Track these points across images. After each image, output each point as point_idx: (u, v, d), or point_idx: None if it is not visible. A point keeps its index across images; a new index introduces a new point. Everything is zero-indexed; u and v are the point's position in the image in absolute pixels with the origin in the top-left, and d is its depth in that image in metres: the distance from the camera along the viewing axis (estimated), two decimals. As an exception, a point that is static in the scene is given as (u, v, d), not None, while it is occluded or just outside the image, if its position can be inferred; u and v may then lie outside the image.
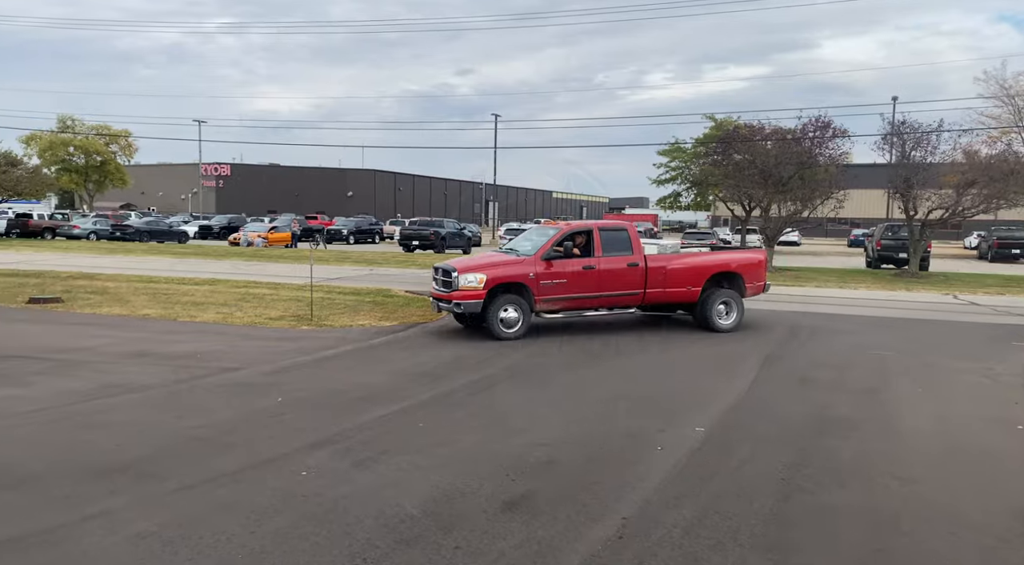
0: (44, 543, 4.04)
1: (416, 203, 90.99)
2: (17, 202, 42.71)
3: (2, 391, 7.38)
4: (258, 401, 7.20)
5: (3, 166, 36.66)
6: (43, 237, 38.34)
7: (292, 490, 4.88)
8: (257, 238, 37.15)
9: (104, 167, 53.27)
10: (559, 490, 4.94)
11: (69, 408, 6.82)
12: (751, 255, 12.77)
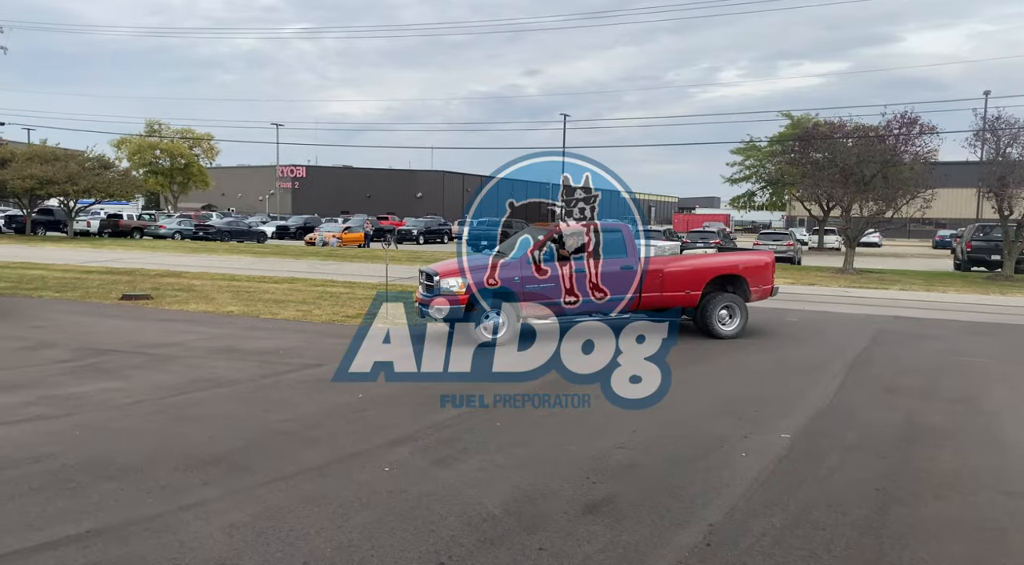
0: (145, 531, 4.22)
1: (484, 203, 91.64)
2: (109, 203, 45.02)
3: (104, 384, 7.77)
4: (339, 397, 7.36)
5: (97, 169, 38.61)
6: (132, 236, 40.32)
7: (376, 486, 4.96)
8: (332, 238, 38.13)
9: (188, 169, 55.69)
10: (641, 494, 4.87)
11: (163, 401, 7.12)
12: (756, 257, 11.95)
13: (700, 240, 31.67)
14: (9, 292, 15.57)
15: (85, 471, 5.16)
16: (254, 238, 41.96)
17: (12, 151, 39.23)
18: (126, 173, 42.80)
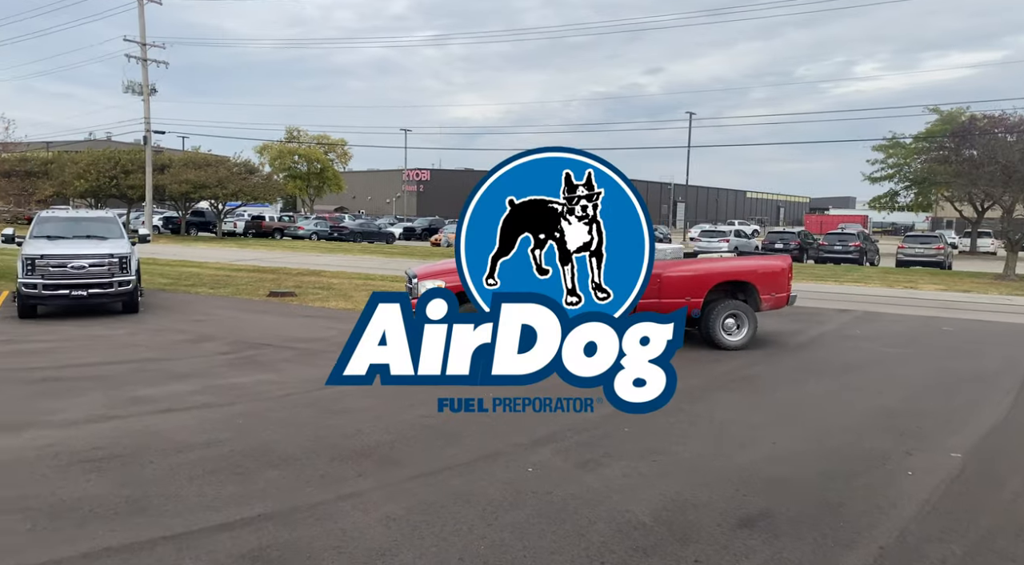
0: (310, 518, 4.43)
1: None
2: (252, 205, 48.28)
3: (260, 376, 8.28)
4: (477, 394, 7.47)
5: (243, 173, 41.51)
6: (273, 237, 43.01)
7: (522, 486, 4.99)
8: (454, 238, 39.05)
9: (323, 174, 58.82)
10: (799, 510, 4.62)
11: (312, 394, 7.49)
12: (768, 262, 11.06)
13: (838, 243, 30.01)
14: (171, 288, 16.96)
15: (250, 458, 5.50)
16: (383, 239, 43.68)
17: (170, 158, 42.85)
18: (269, 177, 45.75)
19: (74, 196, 41.62)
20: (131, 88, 32.28)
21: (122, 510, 4.48)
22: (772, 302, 10.52)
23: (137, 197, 40.40)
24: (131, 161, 39.81)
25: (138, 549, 3.99)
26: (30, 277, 11.84)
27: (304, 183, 58.30)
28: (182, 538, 4.13)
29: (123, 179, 39.41)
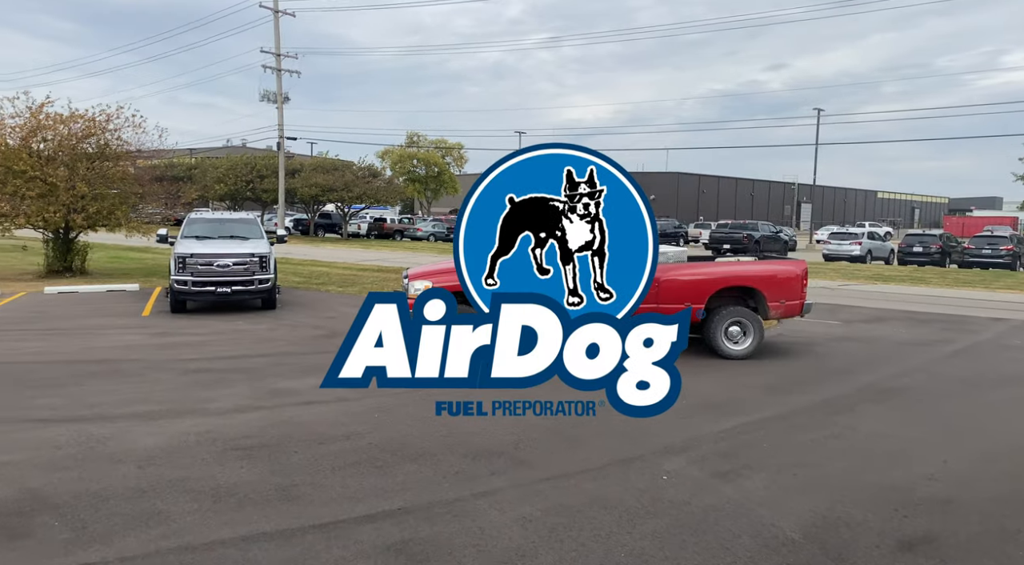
0: (448, 514, 4.50)
1: (720, 205, 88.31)
2: (374, 208, 50.19)
3: (390, 371, 8.53)
4: (592, 396, 7.37)
5: (367, 177, 43.25)
6: (394, 238, 44.53)
7: (657, 494, 4.86)
8: (570, 241, 39.09)
9: (440, 177, 60.29)
10: (969, 535, 4.24)
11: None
12: (777, 267, 10.15)
13: (987, 246, 27.71)
14: (304, 286, 17.85)
15: (387, 451, 5.66)
16: (497, 240, 44.22)
17: (301, 162, 45.23)
18: (391, 181, 47.41)
19: (214, 199, 44.69)
20: (266, 97, 34.36)
21: (273, 497, 4.71)
22: (782, 310, 9.77)
23: (270, 200, 42.88)
24: (265, 166, 42.32)
25: (290, 536, 4.17)
26: (181, 274, 12.77)
27: (422, 186, 59.99)
28: (330, 527, 4.28)
29: (258, 183, 41.96)
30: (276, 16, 32.84)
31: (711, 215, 76.59)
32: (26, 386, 7.50)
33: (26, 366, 8.48)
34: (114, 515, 4.35)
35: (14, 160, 17.87)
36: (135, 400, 7.04)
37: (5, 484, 4.80)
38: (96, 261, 21.31)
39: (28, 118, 18.57)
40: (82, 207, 18.46)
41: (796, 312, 9.89)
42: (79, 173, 18.60)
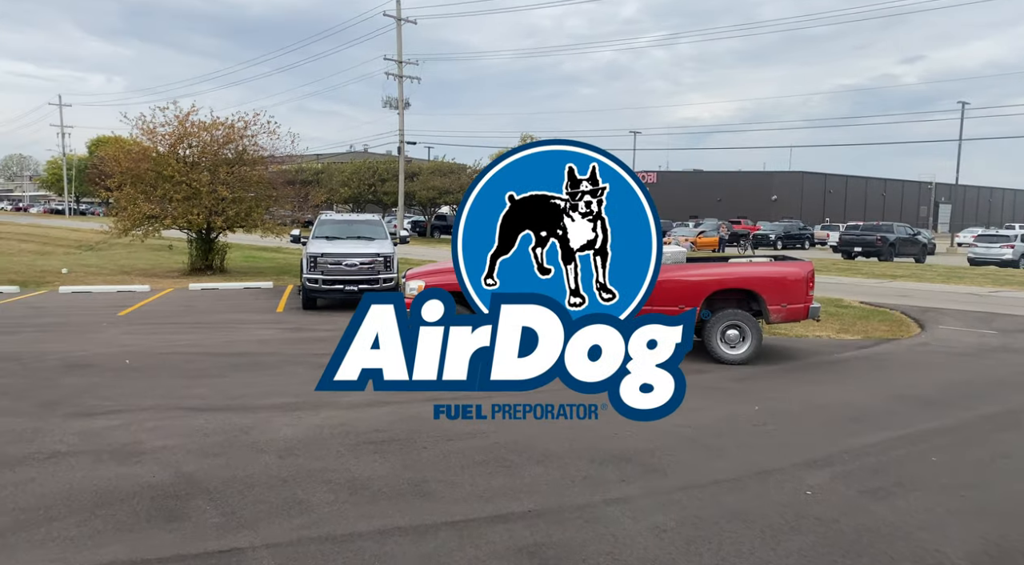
0: (579, 520, 4.39)
1: (848, 206, 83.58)
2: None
3: (512, 371, 8.53)
4: (735, 406, 7.07)
5: (482, 180, 43.99)
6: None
7: (801, 509, 4.56)
8: (685, 242, 38.12)
9: (553, 178, 60.57)
10: None
11: (567, 393, 7.53)
12: (777, 269, 9.55)
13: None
14: (423, 285, 18.26)
15: (514, 452, 5.63)
16: (611, 242, 43.83)
17: (419, 166, 46.53)
18: (504, 183, 47.97)
19: (339, 202, 46.74)
20: (388, 103, 35.54)
21: (407, 492, 4.77)
22: (783, 314, 9.19)
23: (391, 203, 44.37)
24: (386, 170, 43.86)
25: (424, 532, 4.20)
26: (312, 273, 13.37)
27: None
28: (462, 526, 4.28)
29: (379, 186, 43.56)
30: (399, 24, 33.92)
31: (838, 216, 72.66)
32: (182, 376, 8.03)
33: (181, 357, 9.09)
34: (260, 502, 4.54)
35: (164, 165, 19.36)
36: (273, 392, 7.37)
37: (163, 468, 5.12)
38: (233, 260, 22.73)
39: (176, 126, 20.06)
40: (222, 209, 19.75)
41: (800, 316, 9.32)
42: (220, 177, 19.91)
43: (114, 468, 5.09)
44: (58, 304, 14.22)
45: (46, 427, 5.99)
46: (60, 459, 5.25)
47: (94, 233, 33.54)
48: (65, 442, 5.62)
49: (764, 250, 40.24)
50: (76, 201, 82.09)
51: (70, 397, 6.99)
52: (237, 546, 3.96)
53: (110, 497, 4.57)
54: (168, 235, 21.86)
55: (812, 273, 9.29)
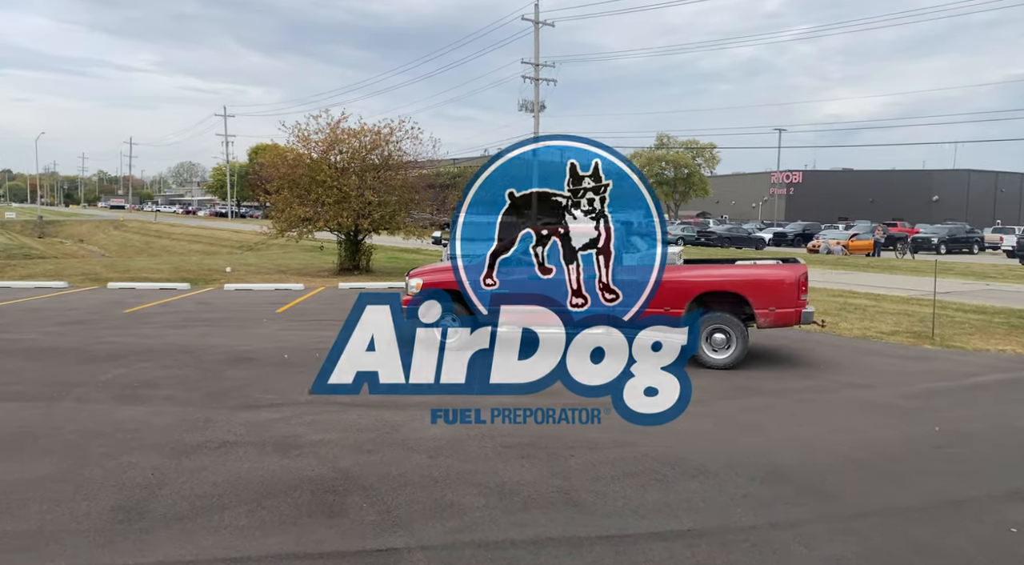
0: (745, 543, 4.08)
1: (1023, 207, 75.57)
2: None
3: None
4: (910, 426, 6.42)
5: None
6: (641, 242, 44.11)
7: (1008, 548, 4.01)
8: (836, 245, 35.76)
9: (689, 179, 58.84)
10: None
11: (716, 404, 7.16)
12: (767, 271, 9.12)
13: None
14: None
15: (666, 464, 5.35)
16: (752, 244, 41.95)
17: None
18: (639, 184, 47.15)
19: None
20: (524, 106, 35.88)
21: (557, 501, 4.63)
22: (772, 318, 8.76)
23: (524, 205, 44.79)
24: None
25: (578, 544, 4.04)
26: (453, 274, 13.58)
27: (670, 188, 58.93)
28: (617, 541, 4.09)
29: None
30: (536, 27, 34.17)
31: (1011, 218, 65.92)
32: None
33: (328, 353, 9.48)
34: (413, 503, 4.56)
35: (317, 171, 20.45)
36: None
37: (321, 462, 5.28)
38: (377, 261, 23.69)
39: (328, 133, 21.15)
40: (368, 212, 20.60)
41: (791, 320, 8.85)
42: (367, 182, 20.79)
43: (277, 460, 5.30)
44: (223, 300, 15.33)
45: (216, 417, 6.37)
46: (229, 449, 5.54)
47: (253, 234, 35.99)
48: (233, 432, 5.94)
49: (925, 254, 37.09)
50: (237, 204, 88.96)
51: (236, 389, 7.42)
52: (394, 546, 3.97)
53: (274, 488, 4.75)
54: (319, 236, 23.08)
55: (804, 276, 8.87)
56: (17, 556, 3.80)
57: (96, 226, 62.24)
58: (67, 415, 6.36)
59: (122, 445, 5.57)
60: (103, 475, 4.94)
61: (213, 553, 3.87)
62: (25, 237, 52.16)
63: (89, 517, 4.27)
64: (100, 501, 4.50)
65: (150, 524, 4.19)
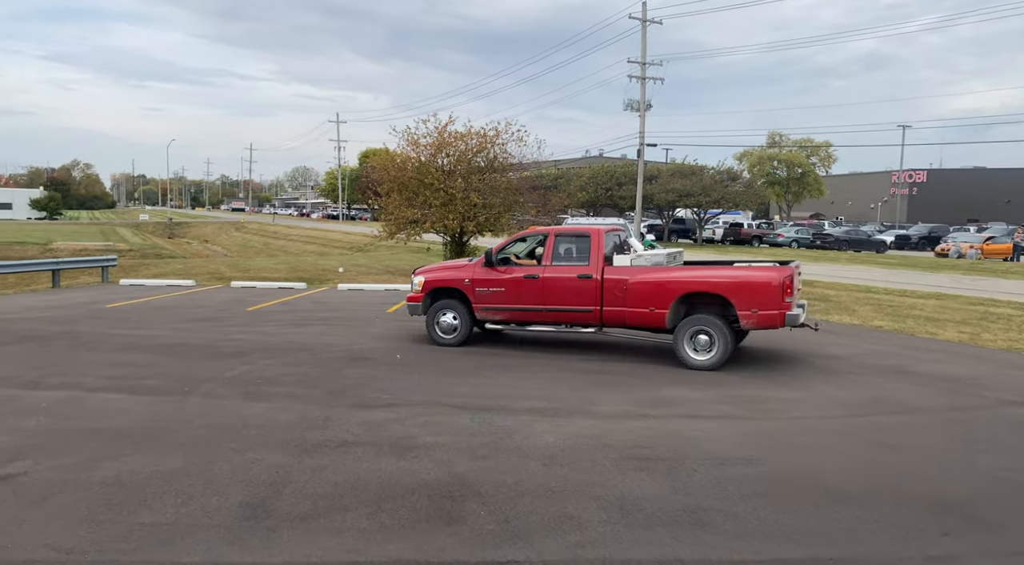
0: (897, 576, 3.71)
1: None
2: (727, 213, 48.67)
3: (785, 392, 7.78)
4: None
5: (724, 181, 42.08)
6: (751, 244, 42.54)
7: None
8: (969, 249, 33.19)
9: (803, 178, 56.23)
10: None
11: (849, 421, 6.68)
12: (748, 274, 9.05)
13: None
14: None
15: (798, 484, 5.00)
16: (873, 247, 39.61)
17: (657, 169, 45.76)
18: (750, 184, 45.50)
19: (575, 207, 47.49)
20: (630, 105, 35.29)
21: (683, 519, 4.39)
22: (754, 320, 8.71)
23: (627, 206, 44.12)
24: (623, 174, 43.67)
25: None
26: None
27: (782, 188, 56.57)
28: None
29: (616, 190, 43.48)
30: (643, 25, 33.55)
31: None
32: (444, 373, 8.39)
33: (440, 354, 9.54)
34: (531, 513, 4.43)
35: (425, 174, 20.83)
36: (529, 394, 7.38)
37: (436, 466, 5.24)
38: (482, 262, 23.85)
39: (436, 137, 21.50)
40: (474, 215, 20.79)
41: (774, 323, 8.72)
42: (472, 184, 20.98)
43: (394, 462, 5.31)
44: (337, 300, 15.82)
45: (334, 416, 6.49)
46: (348, 449, 5.60)
47: (363, 236, 37.18)
48: (351, 432, 6.02)
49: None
50: (348, 207, 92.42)
51: (352, 388, 7.56)
52: (515, 559, 3.85)
53: (392, 491, 4.75)
54: (426, 238, 23.51)
55: (790, 278, 8.69)
56: (157, 549, 3.93)
57: (219, 227, 66.23)
58: (196, 410, 6.64)
59: (248, 441, 5.74)
60: (231, 471, 5.09)
61: (337, 556, 3.87)
62: (157, 237, 56.14)
63: (219, 512, 4.39)
64: (228, 497, 4.62)
65: (276, 522, 4.26)
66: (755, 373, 8.62)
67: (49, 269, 18.19)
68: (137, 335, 10.55)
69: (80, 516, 4.30)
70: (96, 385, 7.45)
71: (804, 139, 58.44)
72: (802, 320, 8.99)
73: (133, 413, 6.48)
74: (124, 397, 7.01)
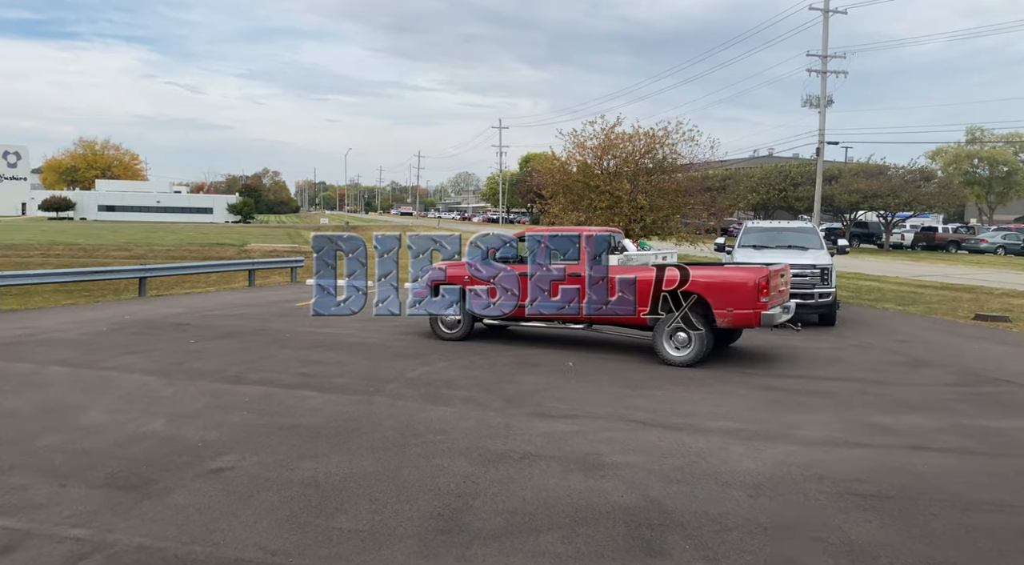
0: None
1: None
2: (920, 216, 44.30)
3: (1019, 421, 6.70)
4: None
5: (917, 181, 38.30)
6: (947, 250, 38.45)
7: None
8: None
9: (1010, 178, 50.13)
10: None
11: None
12: (724, 274, 9.33)
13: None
14: (855, 301, 16.26)
15: (1073, 543, 4.13)
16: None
17: (839, 168, 42.56)
18: (946, 184, 41.14)
19: (746, 208, 45.25)
20: (809, 101, 32.97)
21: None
22: (730, 319, 8.92)
23: (803, 208, 41.42)
24: (799, 174, 41.04)
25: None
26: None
27: (983, 189, 50.77)
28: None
29: (791, 191, 40.93)
30: (825, 16, 31.24)
31: None
32: (621, 384, 8.01)
33: (614, 364, 9.17)
34: (743, 552, 3.95)
35: (590, 176, 20.53)
36: (718, 413, 6.83)
37: (628, 488, 4.88)
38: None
39: (602, 139, 21.14)
40: (640, 217, 20.19)
41: (750, 322, 8.95)
42: (639, 186, 20.40)
43: (582, 480, 5.01)
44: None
45: (514, 424, 6.31)
46: (532, 462, 5.38)
47: (526, 239, 37.14)
48: (533, 443, 5.80)
49: None
50: (507, 211, 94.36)
51: (528, 395, 7.37)
52: (734, 608, 3.41)
53: (585, 514, 4.44)
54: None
55: (766, 279, 8.82)
56: (356, 557, 3.87)
57: (392, 230, 69.82)
58: (383, 411, 6.71)
59: (433, 447, 5.68)
60: (419, 477, 5.02)
61: (535, 583, 3.62)
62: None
63: (412, 522, 4.29)
64: (419, 505, 4.52)
65: (469, 538, 4.08)
66: (983, 397, 7.51)
67: (246, 269, 19.78)
68: (323, 333, 11.06)
69: (283, 516, 4.36)
70: (291, 382, 7.79)
71: (1011, 133, 52.09)
72: (782, 320, 9.26)
73: (325, 412, 6.65)
74: (316, 395, 7.25)
